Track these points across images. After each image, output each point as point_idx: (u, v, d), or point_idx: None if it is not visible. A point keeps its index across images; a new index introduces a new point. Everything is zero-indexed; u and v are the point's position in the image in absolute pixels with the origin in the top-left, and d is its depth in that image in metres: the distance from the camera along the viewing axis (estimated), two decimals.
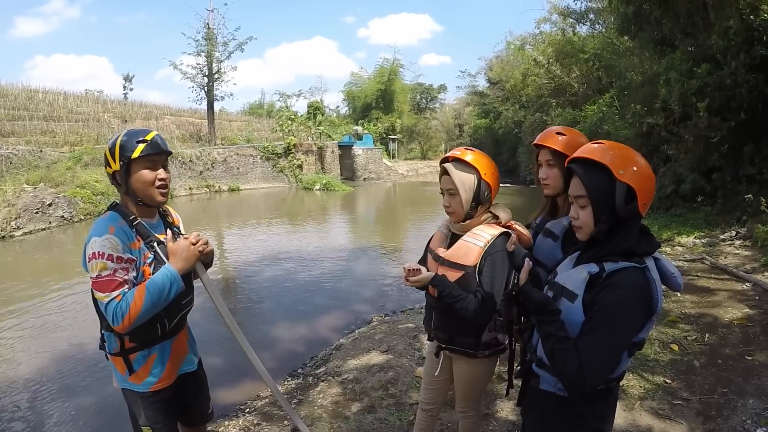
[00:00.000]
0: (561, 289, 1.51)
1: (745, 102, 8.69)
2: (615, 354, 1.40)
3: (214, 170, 24.57)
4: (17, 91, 26.59)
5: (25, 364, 5.15)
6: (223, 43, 28.61)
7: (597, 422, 1.55)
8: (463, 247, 2.03)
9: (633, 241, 1.41)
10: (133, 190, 1.88)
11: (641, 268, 1.39)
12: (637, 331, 1.40)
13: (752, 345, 3.93)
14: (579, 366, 1.34)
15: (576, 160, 1.46)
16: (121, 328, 1.76)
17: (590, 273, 1.42)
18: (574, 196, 1.47)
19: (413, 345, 4.51)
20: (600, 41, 20.70)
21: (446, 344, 2.18)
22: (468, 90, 47.02)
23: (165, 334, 1.99)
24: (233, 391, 4.37)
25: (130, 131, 1.91)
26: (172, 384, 2.05)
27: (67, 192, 14.83)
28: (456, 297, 1.95)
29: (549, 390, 1.59)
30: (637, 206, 1.37)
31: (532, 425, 1.74)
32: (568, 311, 1.45)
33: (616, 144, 1.45)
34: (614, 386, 1.58)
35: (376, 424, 3.21)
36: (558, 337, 1.42)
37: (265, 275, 8.77)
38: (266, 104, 54.53)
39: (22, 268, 10.04)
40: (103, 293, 1.75)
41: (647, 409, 3.14)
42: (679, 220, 9.52)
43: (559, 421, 1.58)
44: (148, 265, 1.88)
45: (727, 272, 5.90)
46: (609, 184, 1.37)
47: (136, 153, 1.83)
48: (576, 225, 1.50)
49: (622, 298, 1.35)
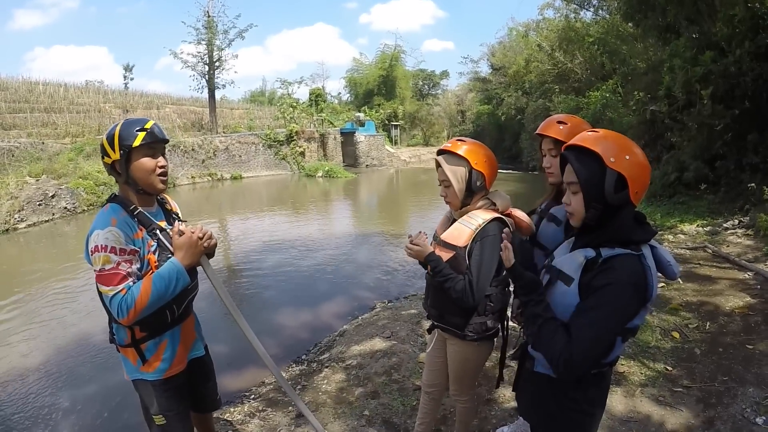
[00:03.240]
0: (558, 273, 1.54)
1: (749, 90, 8.65)
2: (606, 336, 1.41)
3: (216, 158, 24.57)
4: (17, 83, 26.48)
5: (31, 356, 5.20)
6: (224, 31, 28.50)
7: (589, 406, 1.59)
8: (457, 228, 2.09)
9: (628, 229, 1.43)
10: (133, 178, 1.89)
11: (637, 255, 1.41)
12: (631, 317, 1.42)
13: (753, 334, 3.96)
14: (565, 345, 1.37)
15: (570, 148, 1.49)
16: (126, 322, 1.77)
17: (587, 258, 1.45)
18: (567, 182, 1.50)
19: (416, 331, 4.54)
20: (604, 27, 20.53)
21: (437, 321, 2.28)
22: (470, 76, 46.86)
23: (174, 320, 2.01)
24: (238, 377, 4.41)
25: (128, 121, 1.91)
26: (183, 370, 2.08)
27: (69, 183, 14.82)
28: (446, 276, 2.02)
29: (543, 372, 1.63)
30: (628, 194, 1.39)
31: (526, 406, 1.78)
32: (563, 295, 1.48)
33: (612, 133, 1.46)
34: (607, 371, 1.61)
35: (380, 409, 3.25)
36: (544, 318, 1.46)
37: (268, 262, 8.80)
38: (268, 92, 54.44)
39: (27, 260, 10.06)
40: (107, 287, 1.75)
41: (648, 395, 3.17)
42: (681, 208, 9.52)
43: (552, 404, 1.61)
44: (152, 253, 1.89)
45: (729, 261, 5.91)
46: (600, 171, 1.39)
47: (136, 141, 1.84)
48: (569, 211, 1.52)
49: (617, 282, 1.37)
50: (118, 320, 1.78)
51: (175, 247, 1.91)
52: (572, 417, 1.59)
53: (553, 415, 1.62)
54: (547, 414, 1.65)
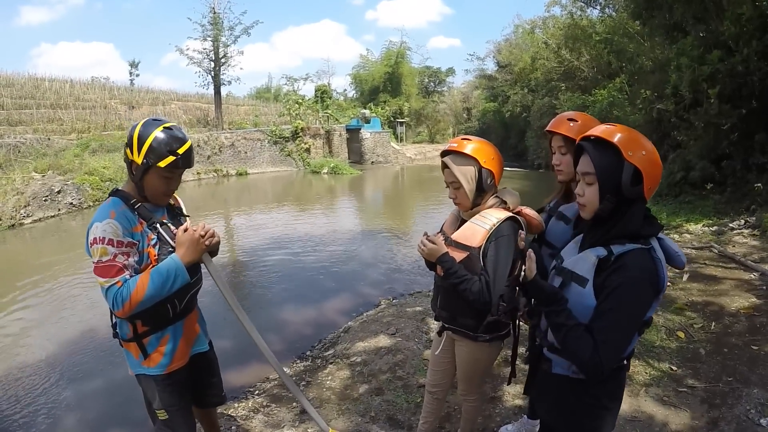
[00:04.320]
0: (570, 275, 1.53)
1: (756, 90, 8.58)
2: (628, 334, 1.44)
3: (222, 155, 24.62)
4: (24, 79, 26.66)
5: (37, 350, 5.24)
6: (229, 27, 28.60)
7: (609, 401, 1.60)
8: (469, 228, 2.04)
9: (638, 224, 1.44)
10: (142, 187, 1.90)
11: (647, 249, 1.42)
12: (646, 311, 1.45)
13: (758, 335, 3.94)
14: (593, 350, 1.38)
15: (587, 138, 1.49)
16: (121, 314, 1.78)
17: (599, 257, 1.45)
18: (582, 173, 1.50)
19: (421, 328, 4.55)
20: (610, 25, 20.44)
21: (448, 324, 2.21)
22: (476, 73, 46.73)
23: (177, 315, 2.01)
24: (242, 373, 4.44)
25: (168, 132, 1.86)
26: (185, 365, 2.08)
27: (75, 179, 14.91)
28: (461, 277, 1.96)
29: (562, 373, 1.62)
30: (642, 189, 1.40)
31: (546, 409, 1.76)
32: (579, 296, 1.48)
33: (628, 128, 1.47)
34: (624, 365, 1.61)
35: (384, 406, 3.26)
36: (568, 327, 1.45)
37: (273, 259, 8.82)
38: (273, 88, 54.36)
39: (33, 255, 10.13)
40: (103, 278, 1.76)
41: (652, 395, 3.17)
42: (687, 208, 9.48)
43: (574, 403, 1.61)
44: (152, 247, 1.89)
45: (734, 261, 5.88)
46: (617, 163, 1.40)
47: (162, 163, 1.83)
48: (581, 202, 1.52)
49: (632, 280, 1.38)
50: (114, 312, 1.79)
51: (177, 244, 1.91)
52: (594, 413, 1.60)
53: (573, 412, 1.63)
54: (568, 413, 1.65)
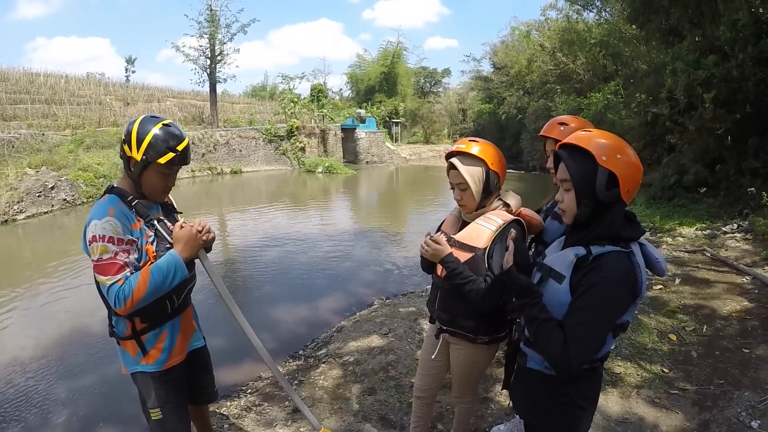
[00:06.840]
0: (549, 271, 1.56)
1: (751, 95, 8.65)
2: (600, 334, 1.45)
3: (217, 152, 24.53)
4: (18, 74, 26.41)
5: (29, 347, 5.20)
6: (226, 24, 28.35)
7: (581, 401, 1.61)
8: (474, 229, 2.03)
9: (618, 226, 1.46)
10: (140, 183, 1.90)
11: (626, 252, 1.44)
12: (621, 313, 1.45)
13: (750, 338, 3.96)
14: (563, 345, 1.39)
15: (564, 146, 1.51)
16: (123, 312, 1.78)
17: (577, 256, 1.48)
18: (560, 179, 1.53)
19: (414, 328, 4.55)
20: (606, 29, 20.50)
21: (448, 326, 2.17)
22: (472, 75, 46.62)
23: (174, 311, 2.01)
24: (235, 371, 4.42)
25: (166, 129, 1.87)
26: (182, 361, 2.08)
27: (69, 175, 14.81)
28: (466, 278, 1.94)
29: (535, 368, 1.66)
30: (619, 192, 1.41)
31: (520, 402, 1.80)
32: (556, 292, 1.51)
33: (605, 133, 1.49)
34: (598, 366, 1.64)
35: (377, 405, 3.26)
36: (540, 320, 1.48)
37: (266, 257, 8.80)
38: (269, 86, 54.27)
39: (25, 251, 10.07)
40: (105, 276, 1.76)
41: (644, 397, 3.18)
42: (681, 211, 9.53)
43: (546, 399, 1.64)
44: (150, 244, 1.89)
45: (727, 264, 5.92)
46: (592, 169, 1.42)
47: (162, 160, 1.84)
48: (561, 208, 1.55)
49: (608, 280, 1.40)
50: (115, 310, 1.78)
51: (175, 240, 1.91)
52: (565, 411, 1.62)
53: (546, 409, 1.65)
54: (541, 409, 1.68)
